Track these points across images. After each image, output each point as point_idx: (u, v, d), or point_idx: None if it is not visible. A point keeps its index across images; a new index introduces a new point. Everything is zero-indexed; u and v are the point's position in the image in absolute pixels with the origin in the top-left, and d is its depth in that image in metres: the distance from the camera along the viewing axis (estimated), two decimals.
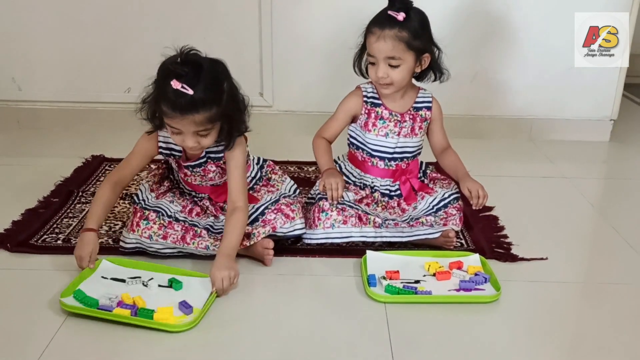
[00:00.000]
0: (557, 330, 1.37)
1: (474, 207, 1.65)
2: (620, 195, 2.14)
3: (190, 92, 1.39)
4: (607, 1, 2.41)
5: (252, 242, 1.55)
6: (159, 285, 1.44)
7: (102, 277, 1.46)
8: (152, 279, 1.45)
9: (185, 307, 1.36)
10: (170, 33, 2.39)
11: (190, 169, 1.62)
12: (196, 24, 2.42)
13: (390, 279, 1.50)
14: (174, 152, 1.61)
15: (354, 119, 1.77)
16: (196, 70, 1.41)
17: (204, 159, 1.61)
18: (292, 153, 2.27)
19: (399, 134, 1.73)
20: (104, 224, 1.75)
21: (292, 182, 1.79)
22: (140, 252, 1.58)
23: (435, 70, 1.71)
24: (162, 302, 1.37)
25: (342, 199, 1.63)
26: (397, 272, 1.52)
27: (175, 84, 1.39)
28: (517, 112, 2.58)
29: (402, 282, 1.49)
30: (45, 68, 2.50)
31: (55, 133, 2.50)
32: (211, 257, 1.50)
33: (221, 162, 1.62)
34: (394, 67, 1.63)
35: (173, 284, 1.44)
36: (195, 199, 1.69)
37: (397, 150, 1.74)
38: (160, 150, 1.61)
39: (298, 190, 1.79)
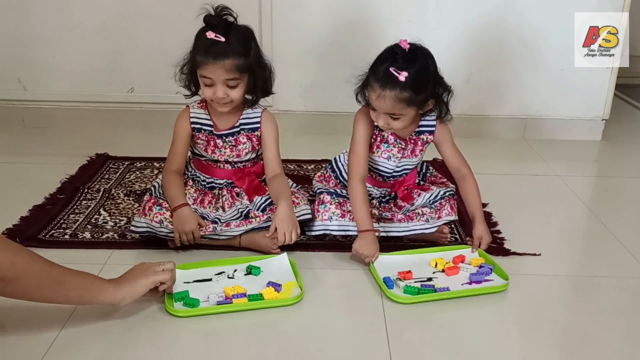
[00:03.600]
0: (547, 322, 1.42)
1: (474, 250, 1.67)
2: (610, 193, 2.20)
3: (222, 39, 1.58)
4: (601, 2, 2.45)
5: (257, 221, 1.64)
6: (245, 275, 1.53)
7: (185, 282, 1.47)
8: (236, 270, 1.54)
9: (275, 286, 1.46)
10: (172, 35, 2.44)
11: (223, 138, 1.72)
12: (198, 27, 2.46)
13: (405, 279, 1.53)
14: (204, 127, 1.72)
15: None
16: (227, 23, 1.62)
17: (237, 129, 1.72)
18: (291, 151, 2.31)
19: (400, 159, 1.75)
20: (109, 219, 1.81)
21: (290, 180, 1.84)
22: (149, 240, 1.64)
23: (441, 108, 1.66)
24: (255, 287, 1.47)
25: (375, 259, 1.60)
26: (410, 272, 1.55)
27: (210, 34, 1.58)
28: (511, 112, 2.64)
29: (416, 282, 1.52)
30: (49, 69, 2.55)
31: (59, 132, 2.55)
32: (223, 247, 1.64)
33: (254, 133, 1.73)
34: (395, 119, 1.60)
35: (252, 270, 1.54)
36: (214, 184, 1.77)
37: (397, 170, 1.77)
38: (192, 125, 1.72)
39: (299, 187, 1.85)
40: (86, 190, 1.99)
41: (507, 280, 1.52)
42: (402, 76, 1.52)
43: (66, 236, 1.71)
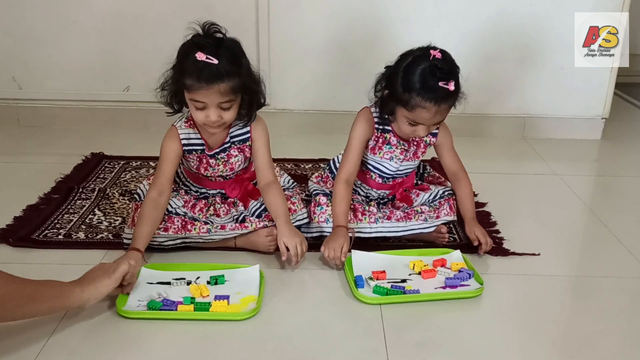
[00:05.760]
0: (546, 322, 1.40)
1: (481, 253, 1.65)
2: (610, 192, 2.18)
3: (215, 61, 1.45)
4: (601, 2, 2.43)
5: (254, 227, 1.62)
6: (207, 282, 1.47)
7: (148, 282, 1.46)
8: (199, 277, 1.48)
9: (220, 299, 1.40)
10: (168, 34, 2.40)
11: (216, 156, 1.65)
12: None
13: (377, 279, 1.51)
14: (195, 147, 1.64)
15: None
16: (218, 42, 1.48)
17: (228, 144, 1.65)
18: (288, 150, 2.30)
19: (402, 160, 1.73)
20: (103, 219, 1.78)
21: (288, 176, 1.84)
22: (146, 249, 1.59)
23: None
24: (220, 292, 1.43)
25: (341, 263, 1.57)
26: (384, 272, 1.53)
27: (200, 56, 1.45)
28: (511, 111, 2.62)
29: (389, 282, 1.50)
30: (44, 67, 2.53)
31: (54, 131, 2.53)
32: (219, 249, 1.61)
33: (245, 144, 1.66)
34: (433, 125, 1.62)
35: (218, 279, 1.48)
36: (207, 194, 1.72)
37: (399, 171, 1.76)
38: (184, 148, 1.62)
39: (295, 184, 1.83)
40: (81, 189, 1.97)
41: (481, 285, 1.49)
42: (452, 85, 1.53)
43: (60, 236, 1.69)
